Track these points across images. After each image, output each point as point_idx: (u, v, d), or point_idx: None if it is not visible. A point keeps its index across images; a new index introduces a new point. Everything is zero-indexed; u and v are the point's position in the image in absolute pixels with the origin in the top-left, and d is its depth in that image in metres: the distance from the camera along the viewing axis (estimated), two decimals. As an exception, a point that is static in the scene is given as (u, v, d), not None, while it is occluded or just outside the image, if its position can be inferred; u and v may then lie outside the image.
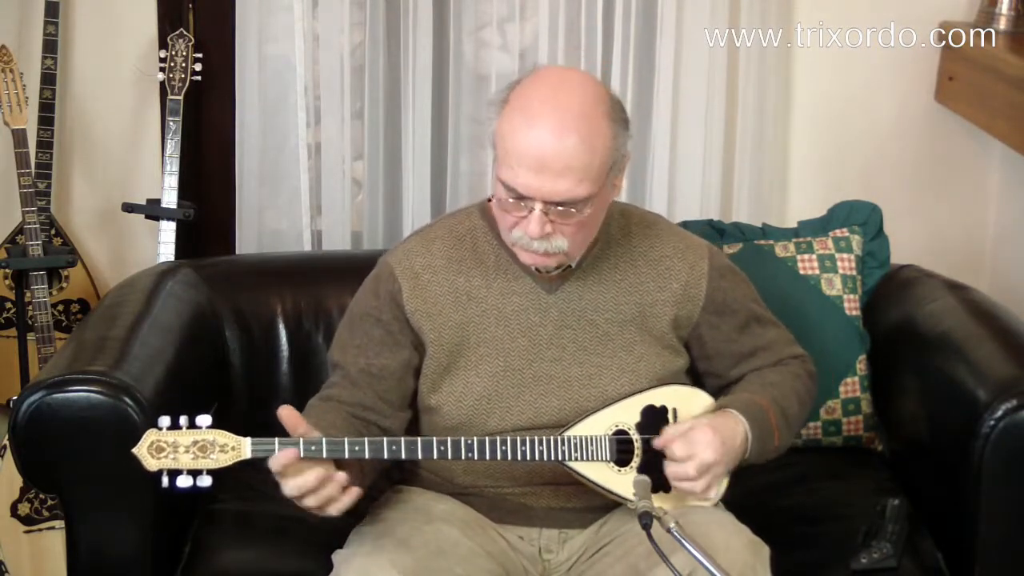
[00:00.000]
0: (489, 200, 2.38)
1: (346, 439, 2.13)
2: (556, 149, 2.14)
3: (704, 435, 2.24)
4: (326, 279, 2.94)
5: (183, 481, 2.08)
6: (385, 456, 2.17)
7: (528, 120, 2.16)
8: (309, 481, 2.08)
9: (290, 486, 2.09)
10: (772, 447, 2.35)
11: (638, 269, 2.39)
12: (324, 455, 2.11)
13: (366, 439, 2.15)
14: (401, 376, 2.36)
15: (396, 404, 2.36)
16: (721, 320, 2.42)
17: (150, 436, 2.08)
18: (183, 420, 2.09)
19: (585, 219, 2.22)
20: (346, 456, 2.12)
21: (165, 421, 2.09)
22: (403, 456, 2.17)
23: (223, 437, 2.09)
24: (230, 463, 2.09)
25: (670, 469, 2.24)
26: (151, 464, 2.07)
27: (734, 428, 2.28)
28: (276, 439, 2.10)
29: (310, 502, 2.10)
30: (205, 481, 2.08)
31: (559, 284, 2.36)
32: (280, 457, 2.07)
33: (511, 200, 2.20)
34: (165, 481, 2.08)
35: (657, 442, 2.26)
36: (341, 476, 2.10)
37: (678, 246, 2.42)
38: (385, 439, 2.17)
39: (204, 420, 2.09)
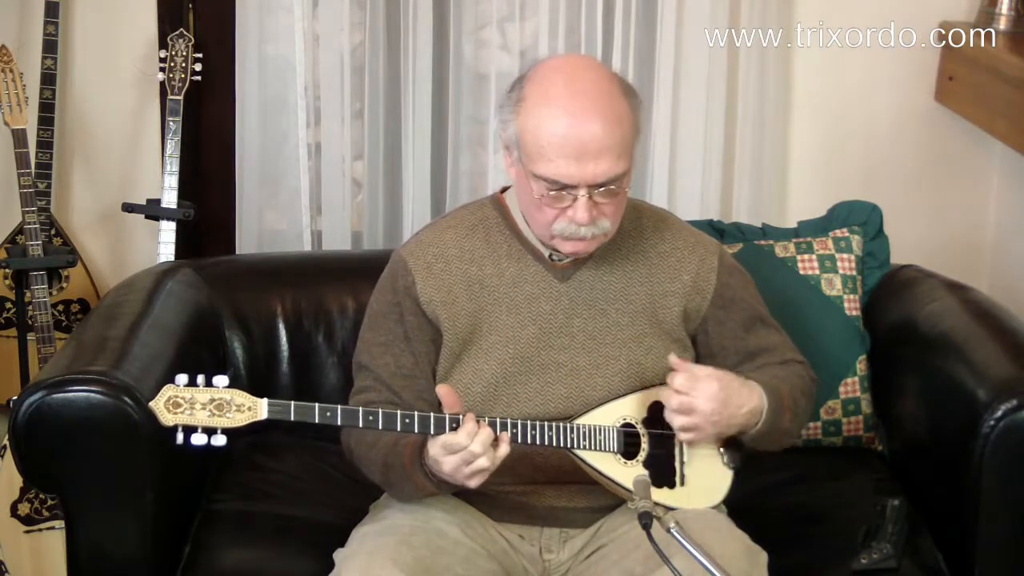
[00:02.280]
0: (502, 192, 2.41)
1: (397, 412, 2.17)
2: (591, 133, 2.18)
3: (710, 387, 2.24)
4: (326, 279, 2.94)
5: (197, 439, 2.07)
6: (400, 429, 2.18)
7: (554, 111, 2.19)
8: (491, 434, 2.15)
9: (479, 440, 2.13)
10: (783, 428, 2.34)
11: (649, 261, 2.40)
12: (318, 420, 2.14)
13: (399, 412, 2.18)
14: (431, 373, 2.38)
15: (435, 402, 2.35)
16: (728, 316, 2.43)
17: (167, 391, 2.07)
18: (200, 379, 2.09)
19: (623, 194, 2.25)
20: (380, 426, 2.16)
21: (182, 379, 2.08)
22: (432, 432, 2.17)
23: (240, 397, 2.09)
24: (246, 423, 2.09)
25: (661, 392, 2.27)
26: (167, 419, 2.07)
27: (746, 397, 2.28)
28: (292, 402, 2.12)
29: (483, 462, 2.14)
30: (219, 440, 2.08)
31: (571, 272, 2.37)
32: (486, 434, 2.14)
33: (552, 193, 2.21)
34: (180, 438, 2.07)
35: (672, 359, 2.27)
36: None
37: (689, 240, 2.44)
38: (400, 412, 2.18)
39: (221, 380, 2.10)
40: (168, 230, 3.20)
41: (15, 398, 2.45)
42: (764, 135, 3.35)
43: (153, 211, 3.22)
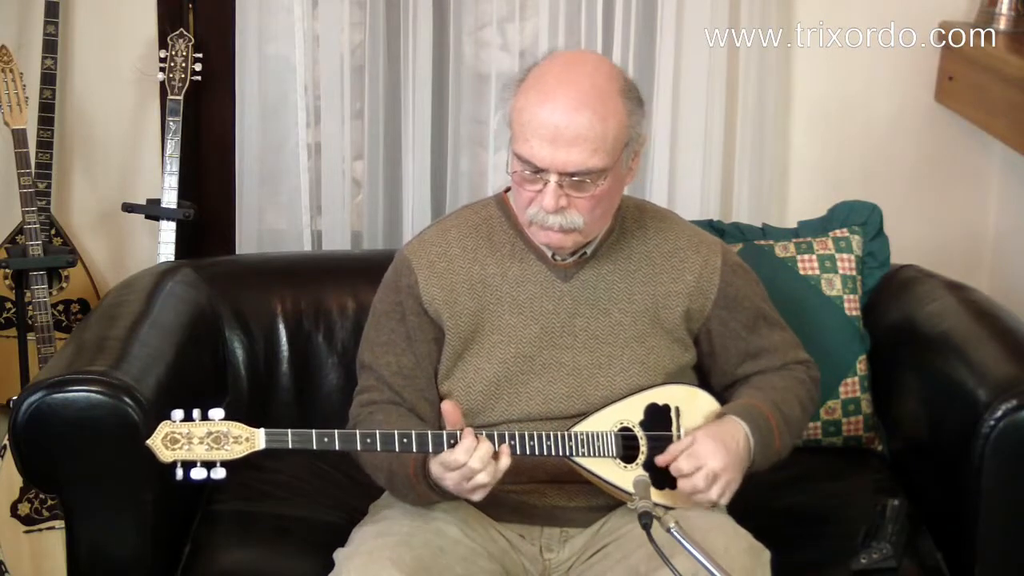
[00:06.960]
0: (506, 191, 2.40)
1: (395, 432, 2.18)
2: (568, 120, 2.18)
3: (706, 446, 2.26)
4: (326, 279, 2.94)
5: (197, 473, 2.08)
6: (398, 450, 2.18)
7: (542, 94, 2.21)
8: (490, 448, 2.15)
9: (478, 456, 2.14)
10: (774, 450, 2.36)
11: (652, 261, 2.40)
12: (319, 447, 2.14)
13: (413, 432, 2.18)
14: (432, 372, 2.38)
15: (436, 400, 2.37)
16: (731, 316, 2.43)
17: (164, 428, 2.08)
18: (195, 413, 2.09)
19: (599, 194, 2.23)
20: (378, 448, 2.16)
21: (179, 414, 2.09)
22: (431, 450, 2.18)
23: (237, 428, 2.10)
24: (244, 454, 2.10)
25: (681, 484, 2.26)
26: (165, 455, 2.07)
27: (734, 433, 2.29)
28: (289, 430, 2.13)
29: (483, 478, 2.15)
30: (219, 473, 2.08)
31: (574, 272, 2.37)
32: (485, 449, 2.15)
33: (527, 173, 2.22)
34: (180, 473, 2.08)
35: (660, 459, 2.27)
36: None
37: (692, 240, 2.44)
38: (397, 432, 2.17)
39: (217, 413, 2.10)
40: (168, 230, 3.20)
41: (15, 398, 2.45)
42: (764, 135, 3.35)
43: (153, 211, 3.22)
